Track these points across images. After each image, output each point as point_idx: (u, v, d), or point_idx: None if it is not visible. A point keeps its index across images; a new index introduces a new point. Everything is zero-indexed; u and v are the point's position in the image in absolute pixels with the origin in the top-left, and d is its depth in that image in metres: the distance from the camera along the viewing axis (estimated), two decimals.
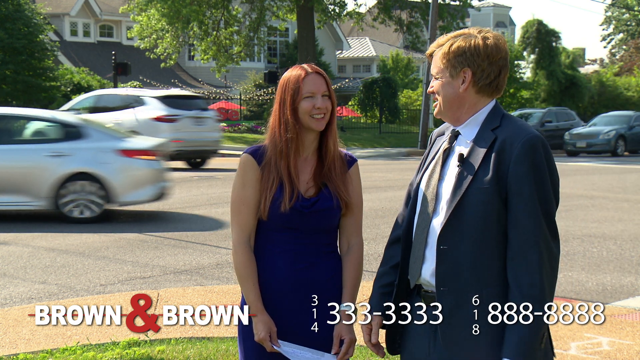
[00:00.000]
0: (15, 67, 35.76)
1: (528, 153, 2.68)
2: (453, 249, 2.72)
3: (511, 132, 2.73)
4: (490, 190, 2.69)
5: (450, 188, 2.75)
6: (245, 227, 3.14)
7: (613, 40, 72.92)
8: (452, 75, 2.80)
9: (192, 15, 30.93)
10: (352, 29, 55.10)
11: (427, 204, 2.82)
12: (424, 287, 2.83)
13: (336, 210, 3.15)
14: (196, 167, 20.94)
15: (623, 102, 45.19)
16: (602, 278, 8.31)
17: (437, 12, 30.55)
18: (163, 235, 10.44)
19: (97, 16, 47.19)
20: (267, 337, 3.05)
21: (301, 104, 3.11)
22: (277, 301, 3.11)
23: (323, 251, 3.17)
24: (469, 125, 2.83)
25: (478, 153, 2.74)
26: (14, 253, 9.34)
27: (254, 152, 3.18)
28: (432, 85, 2.87)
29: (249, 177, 3.15)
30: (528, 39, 47.25)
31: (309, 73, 3.14)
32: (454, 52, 2.79)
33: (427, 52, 2.93)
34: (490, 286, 2.71)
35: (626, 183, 18.03)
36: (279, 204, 3.09)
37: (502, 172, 2.69)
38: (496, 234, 2.71)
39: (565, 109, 35.10)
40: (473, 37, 2.79)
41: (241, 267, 3.13)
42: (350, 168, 3.23)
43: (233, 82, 43.77)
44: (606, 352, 5.71)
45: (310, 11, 33.30)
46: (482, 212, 2.70)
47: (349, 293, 3.16)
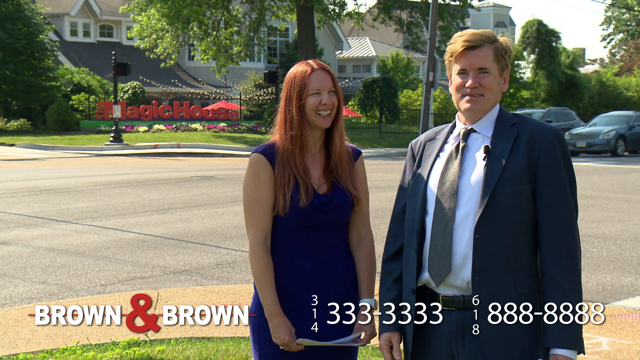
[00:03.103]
0: (15, 67, 35.77)
1: (557, 144, 2.80)
2: (489, 239, 2.74)
3: (535, 126, 2.83)
4: (523, 180, 2.76)
5: (478, 180, 2.77)
6: (262, 228, 3.09)
7: (613, 40, 72.95)
8: (500, 73, 2.87)
9: (192, 15, 30.93)
10: (352, 29, 55.12)
11: (445, 201, 2.81)
12: (450, 285, 2.80)
13: (351, 205, 3.14)
14: None
15: (623, 102, 45.22)
16: (602, 278, 8.31)
17: (437, 12, 30.55)
18: (163, 235, 10.44)
19: (97, 16, 47.19)
20: (291, 340, 3.02)
21: (307, 101, 3.08)
22: (297, 302, 3.08)
23: (339, 249, 3.14)
24: (483, 122, 2.88)
25: (504, 146, 2.80)
26: (14, 253, 9.34)
27: (265, 151, 3.13)
28: (482, 79, 2.84)
29: (262, 177, 3.10)
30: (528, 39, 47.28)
31: (315, 69, 3.11)
32: (506, 50, 2.86)
33: (465, 40, 2.82)
34: (523, 275, 2.76)
35: (626, 183, 18.03)
36: (298, 201, 3.06)
37: (532, 162, 2.77)
38: (527, 223, 2.77)
39: (565, 109, 35.12)
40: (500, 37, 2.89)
41: (258, 270, 3.07)
42: (356, 161, 3.22)
43: (233, 82, 43.79)
44: (606, 352, 5.71)
45: (310, 11, 33.31)
46: (516, 202, 2.75)
47: (366, 287, 3.13)
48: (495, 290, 2.73)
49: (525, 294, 2.75)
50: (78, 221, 11.46)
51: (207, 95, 41.89)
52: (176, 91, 42.82)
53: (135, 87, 38.59)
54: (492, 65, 2.84)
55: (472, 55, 2.83)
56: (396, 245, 2.99)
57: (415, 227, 2.86)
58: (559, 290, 2.71)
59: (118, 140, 29.06)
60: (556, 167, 2.77)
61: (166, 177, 17.91)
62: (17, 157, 24.44)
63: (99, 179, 17.28)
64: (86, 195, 14.36)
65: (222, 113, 35.00)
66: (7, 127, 35.05)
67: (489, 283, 2.73)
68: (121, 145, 28.75)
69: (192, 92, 42.54)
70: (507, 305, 2.75)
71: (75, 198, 13.95)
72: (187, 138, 30.72)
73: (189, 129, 33.09)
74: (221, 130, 33.12)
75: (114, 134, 29.24)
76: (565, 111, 34.06)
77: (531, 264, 2.78)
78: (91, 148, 28.73)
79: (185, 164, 22.62)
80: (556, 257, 2.74)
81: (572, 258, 2.74)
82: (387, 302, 2.93)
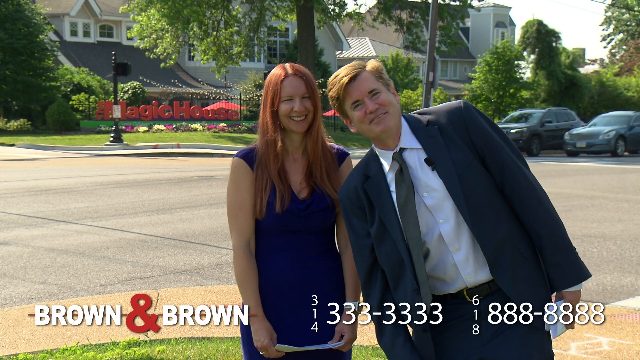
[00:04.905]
0: (15, 67, 35.76)
1: (473, 113, 2.88)
2: (487, 229, 2.78)
3: (444, 112, 2.89)
4: (474, 162, 2.82)
5: (443, 191, 2.79)
6: (244, 231, 3.11)
7: (613, 41, 72.94)
8: (388, 90, 2.90)
9: (192, 15, 30.93)
10: (352, 29, 55.12)
11: (417, 225, 2.80)
12: (466, 286, 2.84)
13: (331, 209, 3.13)
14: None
15: (623, 102, 45.23)
16: (602, 278, 8.31)
17: (437, 12, 30.54)
18: (163, 235, 10.44)
19: (97, 16, 47.19)
20: (270, 344, 3.04)
21: (280, 107, 3.08)
22: (276, 301, 3.10)
23: (320, 250, 3.14)
24: (405, 138, 2.89)
25: (439, 147, 2.83)
26: (14, 253, 9.34)
27: (245, 155, 3.15)
28: (377, 99, 2.87)
29: (242, 181, 3.11)
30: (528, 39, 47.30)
31: (288, 75, 3.08)
32: (379, 69, 2.92)
33: (343, 75, 2.87)
34: (522, 240, 2.85)
35: (626, 183, 18.03)
36: (274, 206, 3.07)
37: (469, 142, 2.83)
38: (497, 195, 2.84)
39: (565, 109, 35.10)
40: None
41: (241, 273, 3.10)
42: (342, 163, 3.20)
43: (233, 82, 43.78)
44: (606, 352, 5.71)
45: (310, 11, 33.30)
46: (483, 185, 2.81)
47: (352, 290, 3.13)
48: (514, 272, 2.80)
49: (530, 257, 2.85)
50: (78, 221, 11.46)
51: (207, 95, 41.88)
52: (176, 91, 42.82)
53: (135, 87, 38.60)
54: (377, 84, 2.87)
55: (357, 83, 2.85)
56: (378, 296, 2.94)
57: (407, 266, 2.83)
58: (544, 239, 2.82)
59: (118, 141, 29.06)
60: (486, 133, 2.86)
61: (166, 177, 17.91)
62: (17, 157, 24.44)
63: (99, 179, 17.28)
64: (86, 195, 14.36)
65: (222, 113, 35.01)
66: (7, 127, 35.06)
67: (506, 269, 2.80)
68: (121, 145, 28.75)
69: (192, 92, 42.53)
70: (507, 305, 2.76)
71: (75, 198, 13.95)
72: (187, 138, 30.72)
73: (189, 129, 33.09)
74: (221, 130, 33.12)
75: (114, 134, 29.24)
76: (565, 111, 34.04)
77: (519, 226, 2.86)
78: (91, 148, 28.73)
79: (185, 164, 22.62)
80: (529, 212, 2.83)
81: (541, 204, 2.83)
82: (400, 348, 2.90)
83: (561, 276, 2.81)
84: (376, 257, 2.91)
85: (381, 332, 2.93)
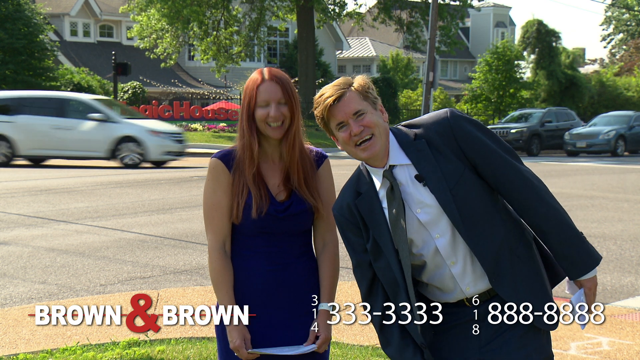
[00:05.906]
0: (15, 67, 35.75)
1: (460, 121, 2.80)
2: (484, 241, 2.76)
3: (431, 123, 2.83)
4: (465, 173, 2.77)
5: (436, 205, 2.76)
6: (219, 232, 3.09)
7: (613, 40, 72.93)
8: (374, 108, 2.84)
9: (192, 15, 30.95)
10: (352, 29, 55.11)
11: (408, 243, 2.78)
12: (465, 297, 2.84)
13: (309, 213, 3.11)
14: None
15: (623, 102, 45.21)
16: (602, 278, 8.30)
17: (437, 12, 30.55)
18: (163, 235, 10.44)
19: (97, 16, 47.19)
20: (242, 345, 3.02)
21: (256, 112, 3.05)
22: (252, 303, 3.08)
23: (297, 252, 3.12)
24: (394, 155, 2.83)
25: (428, 161, 2.78)
26: (14, 253, 9.34)
27: (223, 156, 3.12)
28: (362, 121, 2.80)
29: (219, 182, 3.09)
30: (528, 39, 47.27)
31: (265, 80, 3.05)
32: (366, 86, 2.84)
33: (328, 96, 2.80)
34: (519, 241, 2.83)
35: (626, 183, 18.03)
36: (251, 209, 3.05)
37: (459, 152, 2.78)
38: (491, 199, 2.81)
39: (565, 109, 35.09)
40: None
41: (215, 274, 3.09)
42: (320, 167, 3.17)
43: (233, 82, 43.76)
44: (606, 352, 5.71)
45: (310, 11, 33.32)
46: (476, 194, 2.77)
47: (327, 292, 3.11)
48: (514, 278, 2.79)
49: (528, 256, 2.84)
50: (78, 221, 11.46)
51: (207, 95, 41.88)
52: (176, 91, 42.82)
53: (135, 87, 38.59)
54: (363, 104, 2.80)
55: (341, 105, 2.79)
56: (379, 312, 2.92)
57: (400, 285, 2.82)
58: (549, 235, 2.80)
59: None
60: (475, 141, 2.79)
61: (166, 177, 17.91)
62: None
63: (99, 179, 17.28)
64: (86, 195, 14.36)
65: (222, 113, 35.00)
66: None
67: (505, 275, 2.78)
68: None
69: (192, 92, 42.52)
70: (507, 305, 2.76)
71: (75, 198, 13.95)
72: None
73: (189, 129, 33.08)
74: (221, 130, 33.12)
75: None
76: (565, 111, 34.04)
77: (515, 225, 2.85)
78: None
79: (185, 164, 22.62)
80: (530, 212, 2.80)
81: (540, 200, 2.81)
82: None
83: (574, 267, 2.80)
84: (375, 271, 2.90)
85: (387, 342, 2.91)
